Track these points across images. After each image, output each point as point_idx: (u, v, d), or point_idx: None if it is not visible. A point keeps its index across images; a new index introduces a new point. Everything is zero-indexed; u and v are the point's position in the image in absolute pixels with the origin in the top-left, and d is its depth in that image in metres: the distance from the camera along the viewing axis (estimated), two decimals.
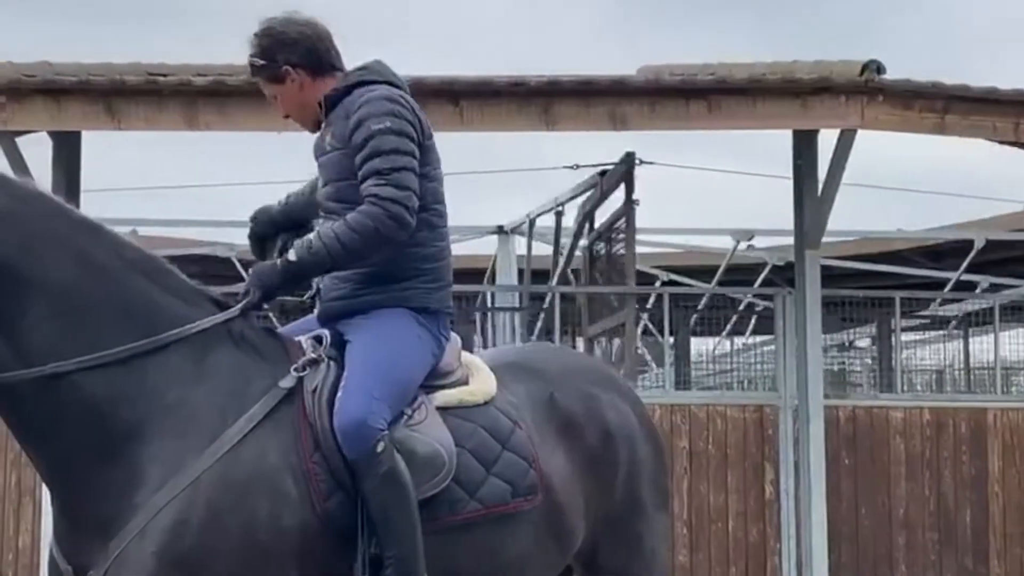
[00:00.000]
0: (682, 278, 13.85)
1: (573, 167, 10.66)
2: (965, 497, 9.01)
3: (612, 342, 10.02)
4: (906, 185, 14.32)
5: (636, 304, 11.16)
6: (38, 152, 8.41)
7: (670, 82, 8.02)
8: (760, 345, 14.79)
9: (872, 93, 7.67)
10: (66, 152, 8.44)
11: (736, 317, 14.14)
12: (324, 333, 3.50)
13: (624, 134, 8.28)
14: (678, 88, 7.90)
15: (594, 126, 8.00)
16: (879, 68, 7.60)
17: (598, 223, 11.09)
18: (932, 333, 14.45)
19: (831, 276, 11.87)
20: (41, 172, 8.17)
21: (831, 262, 12.38)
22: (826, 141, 8.52)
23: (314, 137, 3.69)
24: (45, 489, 8.60)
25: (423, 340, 3.54)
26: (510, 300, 12.94)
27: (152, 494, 3.10)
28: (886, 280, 14.24)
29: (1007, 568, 8.95)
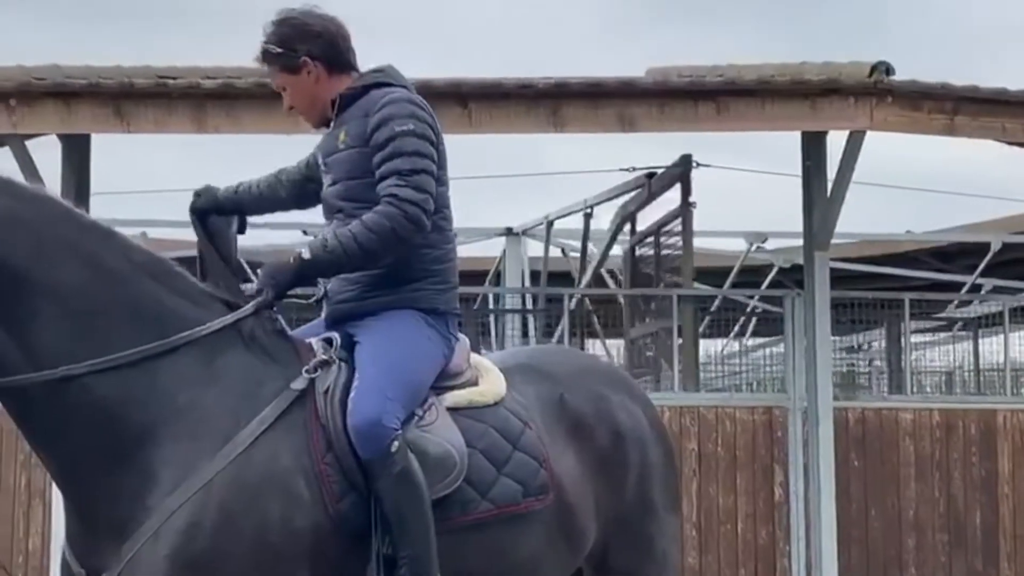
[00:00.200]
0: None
1: (629, 169, 10.57)
2: (975, 499, 8.99)
3: (661, 344, 10.03)
4: (915, 186, 14.27)
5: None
6: (48, 155, 8.43)
7: (678, 84, 8.02)
8: (766, 346, 14.77)
9: (881, 94, 7.66)
10: (75, 155, 8.46)
11: (743, 319, 14.12)
12: (334, 335, 3.50)
13: (623, 136, 8.24)
14: (686, 90, 7.90)
15: (602, 128, 8.00)
16: (888, 69, 7.59)
17: (641, 225, 11.07)
18: (941, 334, 14.42)
19: (840, 278, 11.86)
20: (51, 174, 8.20)
21: (840, 264, 12.37)
22: (834, 142, 8.53)
23: (314, 136, 3.71)
24: (55, 491, 8.59)
25: (433, 341, 3.54)
26: (517, 302, 12.93)
27: (165, 497, 3.10)
28: (895, 282, 14.22)
29: (1017, 570, 8.93)
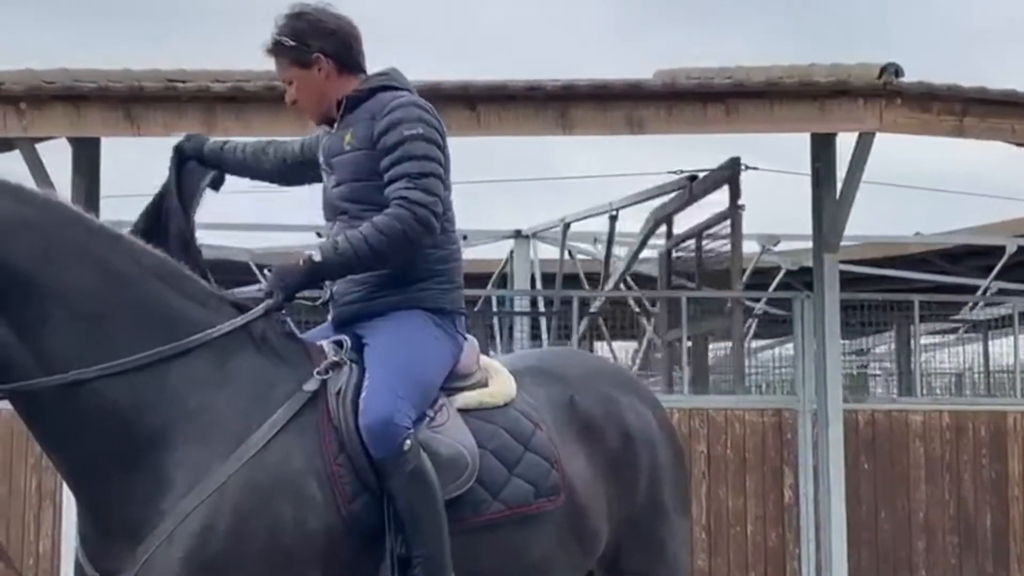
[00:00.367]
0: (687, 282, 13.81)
1: (676, 172, 10.55)
2: (985, 501, 8.97)
3: (705, 346, 10.04)
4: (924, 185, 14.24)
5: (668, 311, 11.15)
6: (58, 158, 8.46)
7: (687, 86, 8.01)
8: (769, 347, 14.75)
9: (890, 96, 7.65)
10: (85, 158, 8.48)
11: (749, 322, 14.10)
12: (344, 338, 3.51)
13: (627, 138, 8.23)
14: (695, 92, 7.88)
15: (611, 130, 7.99)
16: (897, 71, 7.58)
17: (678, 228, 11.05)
18: (951, 336, 14.40)
19: (848, 280, 11.84)
20: (61, 178, 8.22)
21: (848, 267, 12.35)
22: (844, 144, 8.52)
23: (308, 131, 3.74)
24: (66, 493, 8.64)
25: (440, 340, 3.56)
26: (526, 304, 12.93)
27: (179, 499, 3.10)
28: (903, 283, 14.19)
29: None
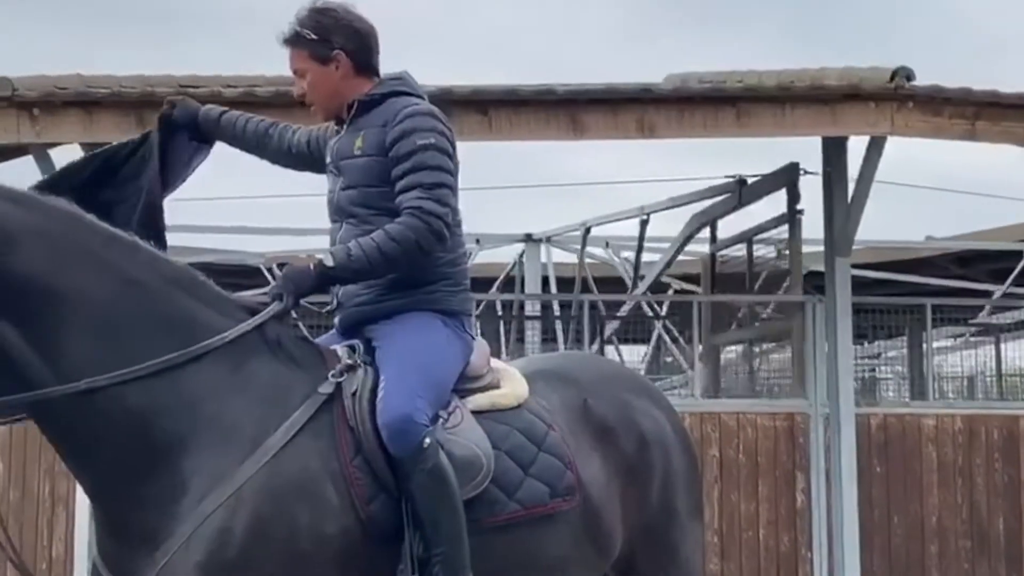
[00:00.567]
0: (693, 287, 13.82)
1: (734, 177, 10.52)
2: (998, 505, 8.94)
3: (758, 351, 10.04)
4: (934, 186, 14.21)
5: (676, 314, 11.14)
6: None
7: (698, 90, 8.01)
8: (772, 351, 14.69)
9: (902, 100, 7.65)
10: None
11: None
12: (356, 342, 3.53)
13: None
14: (706, 96, 7.89)
15: (622, 134, 8.00)
16: (909, 75, 7.58)
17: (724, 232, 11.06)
18: (963, 340, 14.36)
19: (860, 284, 11.81)
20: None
21: (858, 272, 12.32)
22: (855, 148, 8.51)
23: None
24: (79, 498, 8.67)
25: (451, 341, 3.57)
26: (533, 308, 12.91)
27: (196, 504, 3.11)
28: (914, 287, 14.16)
29: None
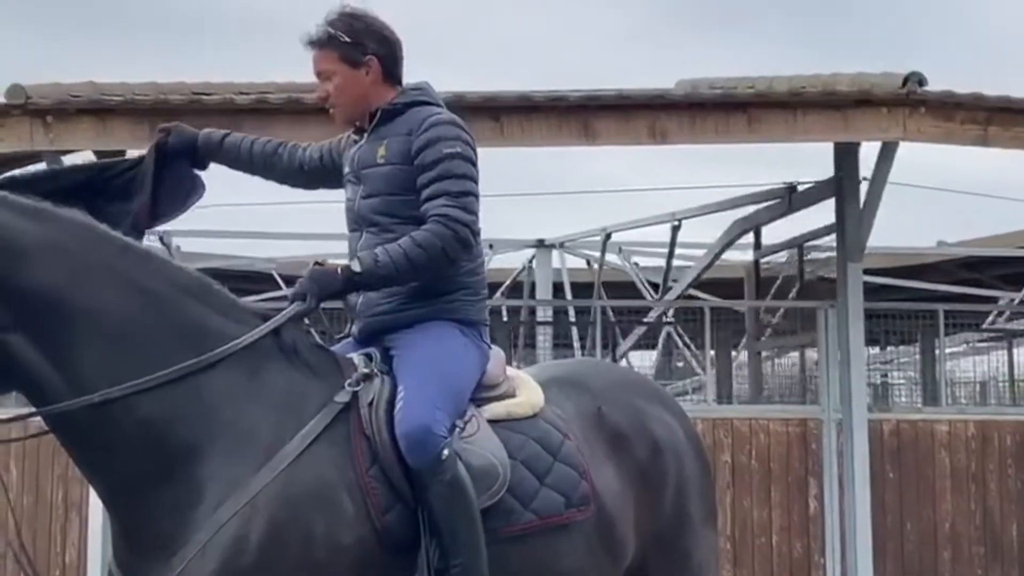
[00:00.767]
0: (700, 292, 13.80)
1: (792, 184, 10.51)
2: (1011, 511, 8.92)
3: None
4: (946, 194, 14.17)
5: (672, 318, 11.12)
6: None
7: (710, 95, 8.01)
8: (775, 357, 14.66)
9: (914, 105, 7.64)
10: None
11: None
12: (373, 350, 3.53)
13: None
14: (717, 102, 7.89)
15: (633, 140, 8.00)
16: (921, 80, 7.57)
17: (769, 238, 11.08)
18: (975, 344, 14.32)
19: (871, 289, 11.80)
20: None
21: (869, 278, 12.30)
22: (866, 154, 8.51)
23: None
24: (92, 505, 8.67)
25: (469, 350, 3.57)
26: (545, 314, 12.89)
27: (212, 512, 3.11)
28: (925, 292, 14.13)
29: None
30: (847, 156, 8.69)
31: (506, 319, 12.05)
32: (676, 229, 12.38)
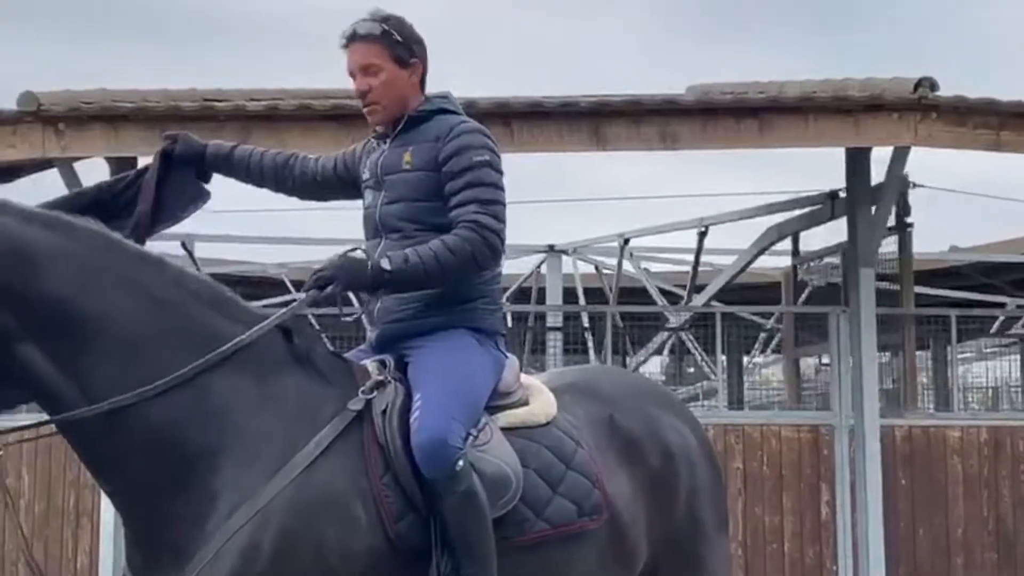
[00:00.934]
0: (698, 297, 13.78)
1: (834, 191, 10.48)
2: None
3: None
4: (960, 198, 14.14)
5: (690, 325, 11.10)
6: (96, 177, 8.54)
7: (721, 101, 8.01)
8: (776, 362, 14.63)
9: (925, 110, 7.62)
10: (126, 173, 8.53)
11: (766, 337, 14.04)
12: (387, 357, 3.52)
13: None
14: (729, 107, 7.89)
15: (644, 145, 8.00)
16: (932, 85, 7.56)
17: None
18: (987, 350, 14.28)
19: (883, 294, 11.78)
20: None
21: (882, 284, 12.28)
22: (878, 159, 8.49)
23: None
24: (104, 511, 8.68)
25: (485, 360, 3.57)
26: (555, 320, 12.87)
27: (224, 519, 3.10)
28: (936, 298, 14.09)
29: None
30: (859, 161, 8.67)
31: (510, 324, 12.04)
32: (703, 235, 12.39)
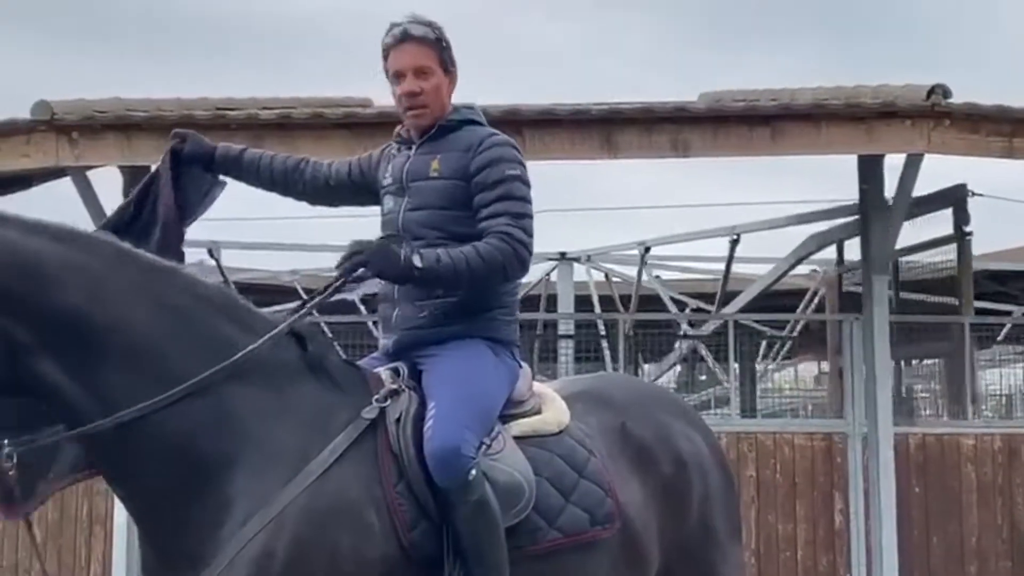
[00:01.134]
0: (708, 306, 13.74)
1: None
2: None
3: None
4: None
5: (714, 333, 11.07)
6: (109, 186, 8.57)
7: (733, 108, 8.00)
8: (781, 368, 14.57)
9: (938, 117, 7.61)
10: (136, 185, 8.56)
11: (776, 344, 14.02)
12: (400, 365, 3.52)
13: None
14: (741, 114, 7.88)
15: (656, 153, 8.00)
16: (945, 92, 7.55)
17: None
18: (1000, 357, 14.21)
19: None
20: (112, 205, 8.32)
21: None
22: (891, 165, 8.48)
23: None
24: (117, 519, 8.70)
25: (499, 370, 3.57)
26: (566, 328, 12.87)
27: (239, 527, 3.10)
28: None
29: None
30: (871, 169, 8.66)
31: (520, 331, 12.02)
32: (735, 242, 12.40)
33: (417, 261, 3.38)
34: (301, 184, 3.86)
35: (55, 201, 9.62)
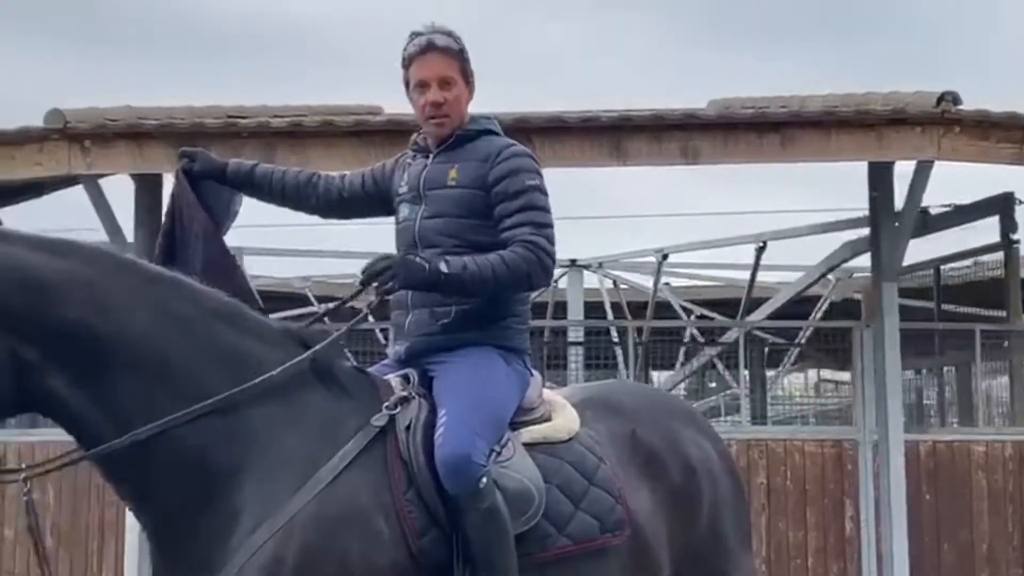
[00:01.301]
0: (712, 313, 13.72)
1: (924, 207, 10.45)
2: None
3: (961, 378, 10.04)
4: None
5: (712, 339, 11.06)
6: (121, 194, 8.62)
7: (742, 115, 8.00)
8: (782, 375, 14.54)
9: (948, 124, 7.61)
10: (147, 193, 8.61)
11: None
12: (411, 372, 3.53)
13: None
14: (750, 121, 7.88)
15: (666, 160, 8.01)
16: (955, 99, 7.54)
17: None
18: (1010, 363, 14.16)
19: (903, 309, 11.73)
20: (124, 213, 8.38)
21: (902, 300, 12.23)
22: (902, 173, 8.47)
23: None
24: (128, 526, 8.72)
25: (511, 377, 3.57)
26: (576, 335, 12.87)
27: (248, 534, 3.11)
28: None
29: None
30: (881, 175, 8.65)
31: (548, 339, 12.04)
32: (760, 250, 12.41)
33: (443, 267, 3.40)
34: (314, 198, 3.86)
35: (67, 209, 9.67)
